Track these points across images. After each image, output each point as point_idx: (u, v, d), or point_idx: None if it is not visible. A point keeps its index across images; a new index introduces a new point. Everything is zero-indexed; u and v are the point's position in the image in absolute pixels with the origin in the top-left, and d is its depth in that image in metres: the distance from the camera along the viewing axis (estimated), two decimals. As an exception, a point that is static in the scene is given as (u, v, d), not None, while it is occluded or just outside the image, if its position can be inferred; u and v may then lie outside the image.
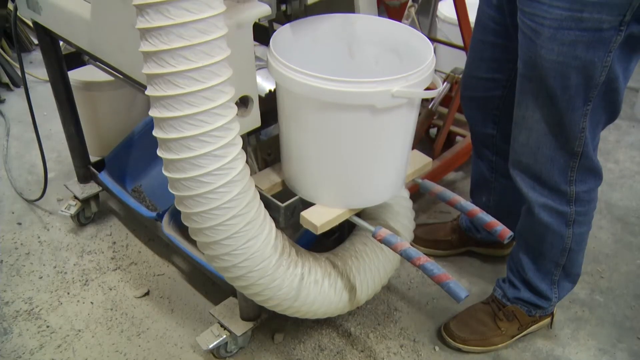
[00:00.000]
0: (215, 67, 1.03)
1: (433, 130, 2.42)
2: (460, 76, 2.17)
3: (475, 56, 1.57)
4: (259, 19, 1.16)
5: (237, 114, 1.11)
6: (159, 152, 1.10)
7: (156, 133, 1.08)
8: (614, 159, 2.47)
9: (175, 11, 0.97)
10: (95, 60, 1.57)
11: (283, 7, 1.25)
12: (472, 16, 1.99)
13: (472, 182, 1.85)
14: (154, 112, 1.06)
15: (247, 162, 1.18)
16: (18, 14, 1.74)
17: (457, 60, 2.32)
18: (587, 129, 1.30)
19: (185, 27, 0.98)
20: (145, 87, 1.07)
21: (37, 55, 3.15)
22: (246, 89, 1.18)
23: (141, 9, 0.99)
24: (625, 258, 1.99)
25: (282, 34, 1.23)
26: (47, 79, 1.88)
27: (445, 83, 2.24)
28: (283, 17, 1.33)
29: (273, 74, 1.15)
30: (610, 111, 1.31)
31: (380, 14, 1.40)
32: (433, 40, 2.52)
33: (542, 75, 1.26)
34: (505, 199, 1.74)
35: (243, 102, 1.20)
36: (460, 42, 2.10)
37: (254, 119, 1.22)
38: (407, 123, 1.19)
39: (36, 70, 2.94)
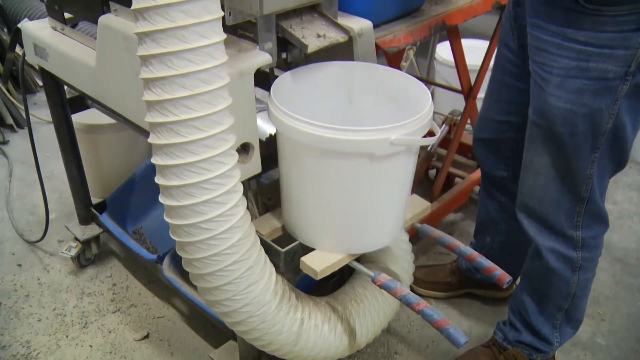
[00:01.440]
0: (217, 116, 1.05)
1: (432, 172, 2.44)
2: (458, 118, 2.21)
3: (492, 97, 1.61)
4: (260, 67, 1.19)
5: (238, 161, 1.13)
6: (161, 199, 1.12)
7: (158, 180, 1.10)
8: (613, 200, 2.49)
9: (179, 62, 1.00)
10: (98, 104, 1.60)
11: (283, 55, 1.29)
12: (468, 60, 2.04)
13: (478, 221, 1.86)
14: (156, 160, 1.07)
15: (247, 207, 1.19)
16: (26, 59, 1.77)
17: (456, 103, 2.36)
18: (594, 175, 1.32)
19: (188, 78, 1.01)
20: (147, 132, 1.09)
21: (41, 96, 3.19)
22: (247, 136, 1.20)
23: (145, 59, 1.02)
24: (626, 300, 1.98)
25: (283, 81, 1.25)
26: (51, 120, 1.91)
27: (443, 125, 2.27)
28: (284, 64, 1.36)
29: (274, 121, 1.17)
30: (618, 159, 1.32)
31: (379, 58, 1.43)
32: (431, 83, 2.57)
33: (550, 122, 1.28)
34: (510, 240, 1.75)
35: (244, 149, 1.22)
36: (458, 85, 2.14)
37: (254, 165, 1.24)
38: (405, 170, 1.20)
39: (40, 112, 2.98)
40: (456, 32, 1.87)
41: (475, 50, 2.50)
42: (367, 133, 1.08)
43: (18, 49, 3.00)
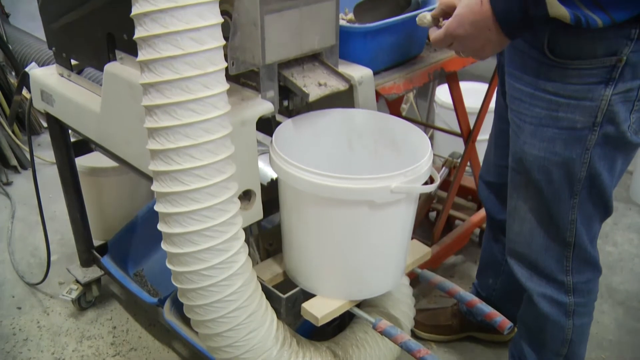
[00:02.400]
0: (220, 164, 1.07)
1: (432, 214, 2.45)
2: (458, 160, 2.23)
3: (492, 142, 1.64)
4: (262, 116, 1.21)
5: (240, 208, 1.15)
6: (164, 246, 1.13)
7: (161, 227, 1.11)
8: (613, 242, 2.49)
9: (183, 112, 1.02)
10: (102, 149, 1.62)
11: (285, 102, 1.31)
12: (468, 102, 2.07)
13: (482, 262, 1.86)
14: (159, 207, 1.09)
15: (249, 253, 1.20)
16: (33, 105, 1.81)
17: (455, 145, 2.38)
18: (577, 221, 1.32)
19: (191, 127, 1.03)
20: (149, 177, 1.10)
21: (45, 137, 3.23)
22: (249, 183, 1.21)
23: (150, 109, 1.04)
24: (630, 344, 1.97)
25: (284, 129, 1.27)
26: (54, 161, 1.93)
27: (443, 168, 2.29)
28: (285, 111, 1.38)
29: (275, 168, 1.19)
30: (601, 206, 1.33)
31: (379, 101, 1.46)
32: (431, 127, 2.60)
33: (527, 169, 1.31)
34: (512, 283, 1.75)
35: (246, 195, 1.23)
36: (457, 127, 2.16)
37: (256, 211, 1.25)
38: (405, 217, 1.21)
39: (43, 153, 3.01)
40: (455, 78, 1.90)
41: (474, 92, 2.54)
42: (367, 181, 1.09)
43: (25, 92, 3.05)
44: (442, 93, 2.83)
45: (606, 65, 1.14)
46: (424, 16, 1.29)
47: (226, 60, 1.09)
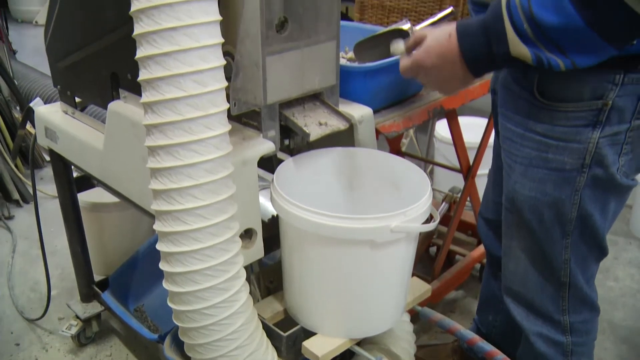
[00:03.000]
0: (222, 204, 1.08)
1: (433, 249, 2.45)
2: (458, 195, 2.24)
3: (491, 179, 1.65)
4: (263, 155, 1.23)
5: (241, 246, 1.15)
6: (165, 285, 1.13)
7: (163, 266, 1.11)
8: (614, 277, 2.48)
9: (185, 153, 1.04)
10: (104, 186, 1.64)
11: (286, 141, 1.33)
12: (467, 137, 2.09)
13: (481, 298, 1.85)
14: (161, 247, 1.10)
15: (250, 290, 1.21)
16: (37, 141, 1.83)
17: (455, 180, 2.40)
18: (571, 261, 1.32)
19: (194, 168, 1.04)
20: (151, 214, 1.11)
21: (47, 171, 3.24)
22: (250, 222, 1.22)
23: (153, 150, 1.05)
24: (633, 382, 1.96)
25: (285, 168, 1.29)
26: (56, 195, 1.94)
27: (443, 203, 2.30)
28: (287, 150, 1.40)
29: (276, 208, 1.20)
30: (594, 247, 1.33)
31: (379, 138, 1.48)
32: (431, 162, 2.61)
33: (519, 208, 1.32)
34: (512, 321, 1.74)
35: (247, 234, 1.24)
36: (457, 162, 2.18)
37: (257, 250, 1.26)
38: (406, 255, 1.22)
39: (45, 187, 3.02)
40: (454, 115, 1.92)
41: (473, 127, 2.56)
42: (368, 221, 1.10)
43: (29, 126, 3.08)
44: (442, 128, 2.86)
45: (593, 109, 1.16)
46: (398, 45, 1.30)
47: (228, 100, 1.11)
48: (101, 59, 1.44)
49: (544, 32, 1.01)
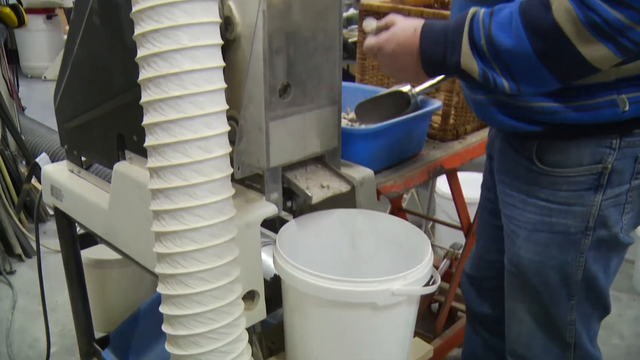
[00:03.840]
0: (225, 267, 1.09)
1: (434, 305, 2.44)
2: (460, 251, 2.24)
3: (477, 235, 1.66)
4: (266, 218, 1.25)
5: (243, 308, 1.16)
6: (167, 347, 1.13)
7: (165, 329, 1.12)
8: (619, 334, 2.46)
9: (190, 217, 1.05)
10: (108, 245, 1.65)
11: (289, 203, 1.35)
12: (467, 193, 2.11)
13: (463, 357, 1.83)
14: (164, 309, 1.10)
15: (252, 352, 1.20)
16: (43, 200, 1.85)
17: (456, 236, 2.41)
18: (576, 321, 1.33)
19: (198, 232, 1.06)
20: (154, 273, 1.12)
21: (50, 225, 3.27)
22: (253, 284, 1.23)
23: (158, 214, 1.07)
24: None
25: (288, 230, 1.30)
26: (58, 249, 1.94)
27: (445, 260, 2.30)
28: (289, 211, 1.42)
29: (278, 270, 1.21)
30: (599, 306, 1.34)
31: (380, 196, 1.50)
32: (432, 220, 2.63)
33: (523, 272, 1.33)
34: None
35: (249, 295, 1.24)
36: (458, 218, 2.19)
37: (259, 311, 1.26)
38: (407, 317, 1.22)
39: (48, 241, 3.04)
40: (454, 174, 1.95)
41: (473, 183, 2.57)
42: (369, 285, 1.11)
43: (34, 181, 3.12)
44: (443, 183, 2.88)
45: (593, 173, 1.19)
46: (370, 23, 1.32)
47: (232, 163, 1.14)
48: (108, 121, 1.48)
49: (499, 53, 1.05)
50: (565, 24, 0.98)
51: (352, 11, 3.55)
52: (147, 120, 1.06)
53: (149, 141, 1.06)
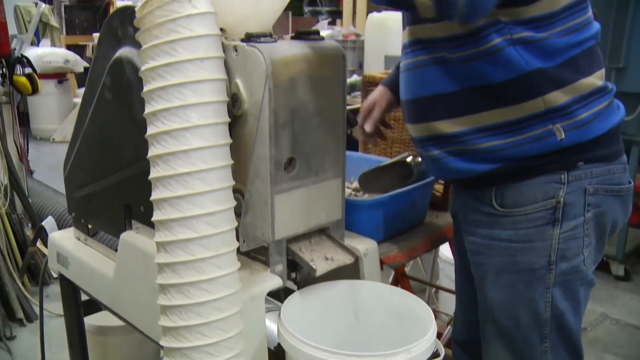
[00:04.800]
0: (230, 341, 1.09)
1: (440, 373, 2.41)
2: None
3: (457, 301, 1.70)
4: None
5: (247, 382, 1.16)
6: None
7: (168, 403, 1.11)
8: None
9: (195, 292, 1.07)
10: (113, 313, 1.65)
11: (293, 275, 1.36)
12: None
13: None
14: (168, 384, 1.10)
15: None
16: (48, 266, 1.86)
17: (461, 302, 2.39)
18: None
19: (203, 306, 1.07)
20: (159, 343, 1.13)
21: (53, 288, 3.25)
22: (256, 356, 1.23)
23: (164, 288, 1.09)
24: None
25: (292, 302, 1.31)
26: (60, 313, 1.94)
27: (449, 327, 2.28)
28: (294, 282, 1.43)
29: (282, 342, 1.21)
30: (572, 347, 1.36)
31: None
32: (435, 287, 2.63)
33: (494, 317, 1.37)
34: None
35: (253, 368, 1.24)
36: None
37: (263, 384, 1.26)
38: (411, 392, 1.21)
39: (51, 305, 3.02)
40: (457, 241, 1.96)
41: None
42: (372, 359, 1.11)
43: (39, 244, 3.14)
44: (446, 248, 2.88)
45: (548, 208, 1.27)
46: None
47: (237, 236, 1.16)
48: (116, 191, 1.51)
49: None
50: None
51: (355, 77, 3.64)
52: (155, 195, 1.09)
53: (156, 216, 1.09)
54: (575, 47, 1.26)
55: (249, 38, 1.20)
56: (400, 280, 2.10)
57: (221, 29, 1.16)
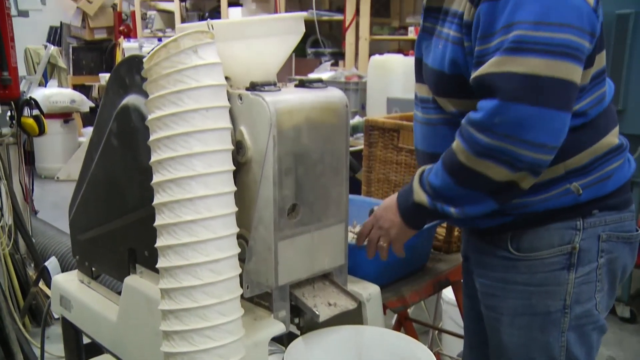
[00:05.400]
0: (233, 391, 1.09)
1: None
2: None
3: (466, 343, 1.69)
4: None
5: None
6: None
7: None
8: None
9: (199, 339, 1.07)
10: (115, 357, 1.65)
11: (296, 320, 1.36)
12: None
13: None
14: None
15: None
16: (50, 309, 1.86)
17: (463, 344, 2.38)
18: None
19: (207, 353, 1.07)
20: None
21: (54, 329, 3.22)
22: (260, 406, 1.23)
23: (168, 334, 1.09)
24: None
25: (295, 347, 1.31)
26: (61, 355, 1.92)
27: (453, 370, 2.27)
28: (297, 327, 1.42)
29: (286, 390, 1.21)
30: None
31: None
32: (438, 330, 2.61)
33: (509, 359, 1.37)
34: None
35: (256, 416, 1.23)
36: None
37: None
38: None
39: (52, 346, 2.99)
40: (459, 286, 1.96)
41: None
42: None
43: (41, 284, 3.13)
44: (449, 290, 2.87)
45: (564, 253, 1.30)
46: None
47: (241, 281, 1.16)
48: (121, 235, 1.52)
49: (436, 190, 1.26)
50: (460, 155, 1.20)
51: (357, 119, 3.67)
52: (160, 242, 1.10)
53: (161, 263, 1.10)
54: (594, 109, 1.29)
55: (254, 87, 1.22)
56: (404, 323, 2.09)
57: (226, 77, 1.19)
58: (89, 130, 6.95)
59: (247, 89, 1.23)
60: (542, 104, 1.11)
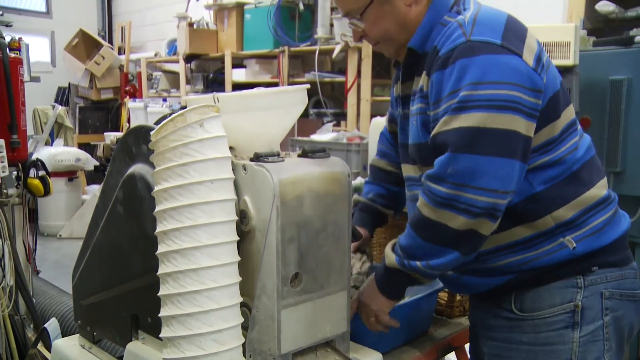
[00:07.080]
0: None
1: None
2: None
3: None
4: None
5: None
6: None
7: None
8: None
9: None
10: None
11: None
12: None
13: None
14: None
15: None
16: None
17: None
18: None
19: None
20: None
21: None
22: None
23: (169, 406, 1.09)
24: None
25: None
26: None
27: None
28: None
29: None
30: None
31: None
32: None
33: None
34: None
35: None
36: None
37: None
38: None
39: (48, 407, 2.95)
40: (462, 350, 1.94)
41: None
42: None
43: (40, 346, 3.10)
44: (453, 356, 2.84)
45: (567, 311, 1.31)
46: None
47: (244, 352, 1.16)
48: (124, 301, 1.52)
49: (403, 248, 1.32)
50: (423, 209, 1.27)
51: (359, 180, 3.70)
52: (164, 312, 1.11)
53: (164, 332, 1.11)
54: (575, 163, 1.34)
55: (258, 157, 1.25)
56: (407, 388, 2.06)
57: (231, 147, 1.23)
58: (93, 188, 7.00)
59: (251, 160, 1.26)
60: (488, 153, 1.19)
